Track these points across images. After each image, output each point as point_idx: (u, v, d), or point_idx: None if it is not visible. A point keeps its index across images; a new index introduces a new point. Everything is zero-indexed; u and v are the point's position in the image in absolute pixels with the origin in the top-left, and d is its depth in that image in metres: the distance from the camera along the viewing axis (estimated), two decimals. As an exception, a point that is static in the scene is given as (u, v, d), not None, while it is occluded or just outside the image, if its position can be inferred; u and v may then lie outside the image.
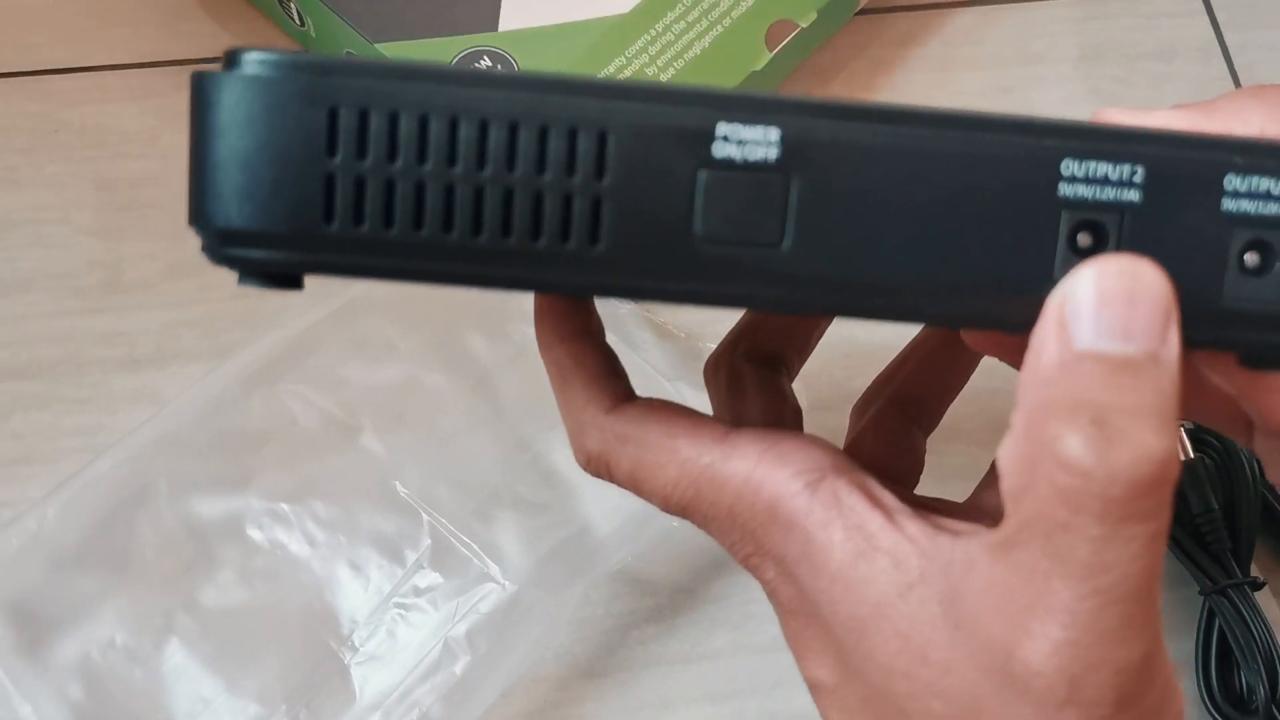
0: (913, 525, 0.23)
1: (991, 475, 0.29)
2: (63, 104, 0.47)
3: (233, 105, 0.20)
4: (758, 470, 0.24)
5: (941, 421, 0.32)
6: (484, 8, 0.44)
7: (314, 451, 0.41)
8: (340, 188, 0.20)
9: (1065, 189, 0.21)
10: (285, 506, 0.40)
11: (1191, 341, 0.22)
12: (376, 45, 0.43)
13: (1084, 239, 0.21)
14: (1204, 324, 0.22)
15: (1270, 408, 0.26)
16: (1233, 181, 0.21)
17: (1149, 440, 0.20)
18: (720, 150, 0.21)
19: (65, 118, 0.47)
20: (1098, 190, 0.21)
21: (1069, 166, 0.21)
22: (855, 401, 0.32)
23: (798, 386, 0.44)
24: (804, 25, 0.45)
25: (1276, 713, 0.39)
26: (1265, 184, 0.21)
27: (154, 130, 0.47)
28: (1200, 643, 0.41)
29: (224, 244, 0.21)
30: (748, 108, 0.21)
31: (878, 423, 0.30)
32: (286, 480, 0.40)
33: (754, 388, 0.29)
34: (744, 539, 0.25)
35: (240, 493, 0.40)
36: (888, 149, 0.21)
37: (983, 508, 0.28)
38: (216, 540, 0.39)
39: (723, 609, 0.42)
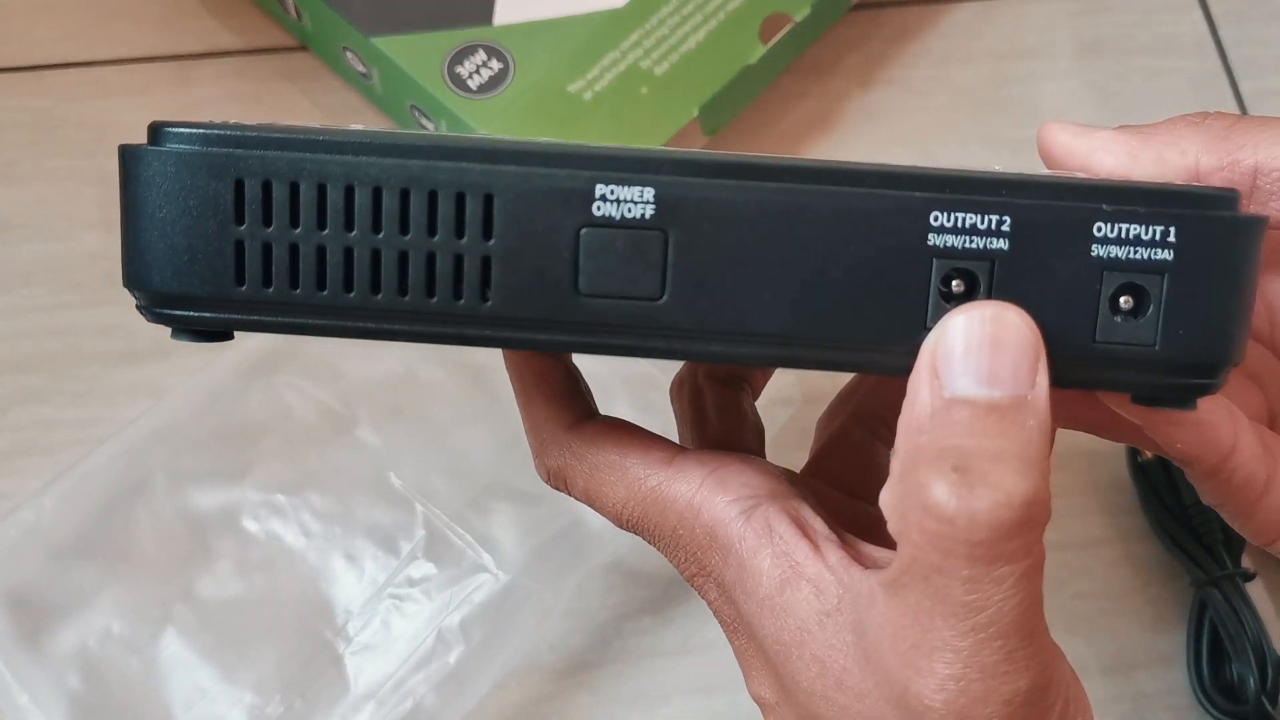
0: (835, 555, 0.24)
1: None
2: (63, 99, 0.47)
3: (151, 177, 0.22)
4: (699, 495, 0.25)
5: None
6: (479, 1, 0.44)
7: (310, 444, 0.41)
8: (249, 253, 0.22)
9: (935, 239, 0.22)
10: (281, 498, 0.40)
11: (1069, 383, 0.23)
12: (371, 39, 0.44)
13: (956, 286, 0.22)
14: (1079, 366, 0.22)
15: (1169, 439, 0.26)
16: (1102, 228, 0.22)
17: (1010, 484, 0.21)
18: (600, 209, 0.22)
19: (65, 112, 0.47)
20: (966, 240, 0.22)
21: (937, 217, 0.22)
22: (820, 414, 0.32)
23: (790, 379, 0.44)
24: (798, 19, 0.46)
25: (1267, 703, 0.39)
26: (1134, 230, 0.22)
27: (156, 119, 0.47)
28: (1192, 634, 0.41)
29: (153, 304, 0.23)
30: (625, 167, 0.21)
31: (841, 437, 0.31)
32: (283, 472, 0.40)
33: (714, 407, 0.30)
34: (688, 560, 0.26)
35: (237, 484, 0.40)
36: (759, 205, 0.22)
37: None
38: (213, 531, 0.40)
39: (716, 600, 0.42)
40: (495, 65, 0.44)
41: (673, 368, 0.42)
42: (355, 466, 0.41)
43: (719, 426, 0.30)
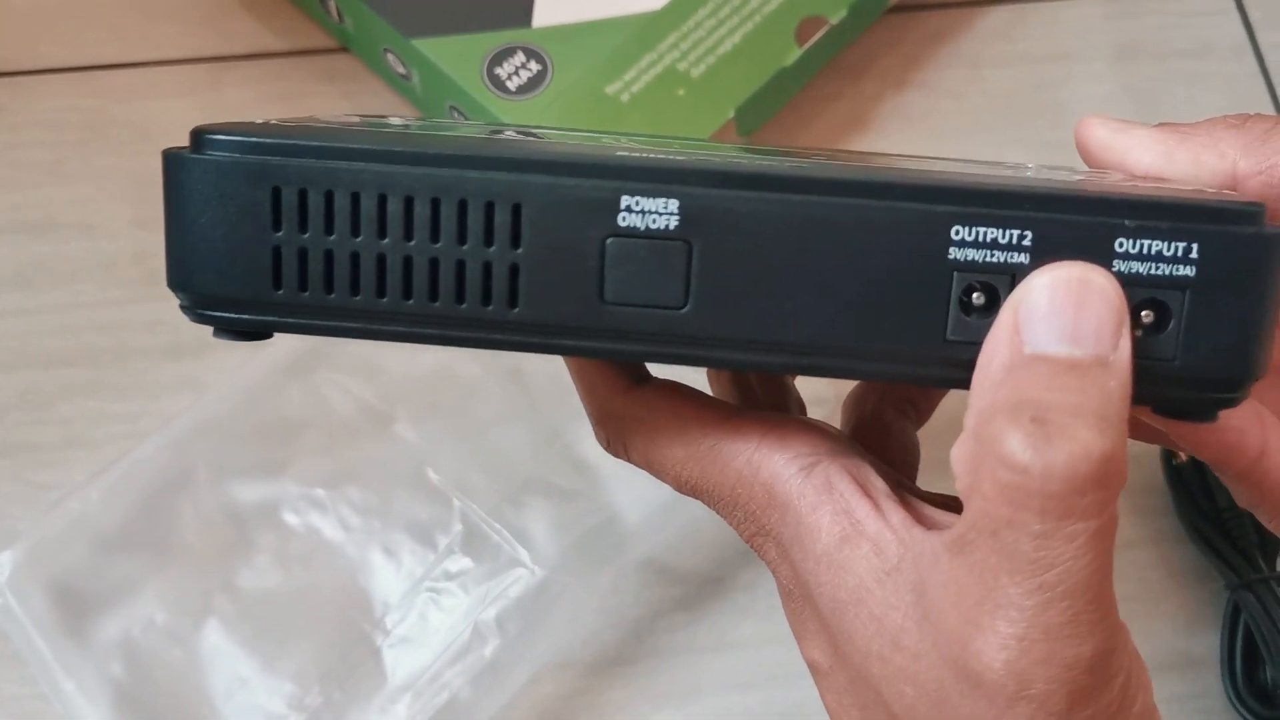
0: (896, 514, 0.24)
1: None
2: (112, 99, 0.48)
3: (192, 184, 0.22)
4: (758, 453, 0.25)
5: (945, 417, 0.32)
6: (518, 3, 0.45)
7: (350, 439, 0.41)
8: (285, 259, 0.22)
9: (955, 252, 0.22)
10: (321, 492, 0.41)
11: None
12: (412, 41, 0.44)
13: (977, 298, 0.22)
14: None
15: (1194, 446, 0.27)
16: (1124, 244, 0.22)
17: (1088, 438, 0.21)
18: (625, 220, 0.22)
19: (114, 112, 0.48)
20: (987, 254, 0.22)
21: (959, 231, 0.22)
22: (845, 397, 0.32)
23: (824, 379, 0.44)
24: (834, 21, 0.46)
25: (1301, 708, 0.39)
26: (1156, 246, 0.22)
27: (197, 123, 0.48)
28: (1225, 637, 0.41)
29: (195, 305, 0.23)
30: (651, 178, 0.22)
31: (874, 419, 0.31)
32: (322, 467, 0.41)
33: (759, 382, 0.30)
34: (746, 519, 0.26)
35: (277, 478, 0.41)
36: (782, 217, 0.22)
37: None
38: (254, 524, 0.40)
39: (750, 599, 0.42)
40: (534, 67, 0.44)
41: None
42: (393, 462, 0.41)
43: (765, 400, 0.30)
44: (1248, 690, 0.40)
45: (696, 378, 0.28)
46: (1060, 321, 0.21)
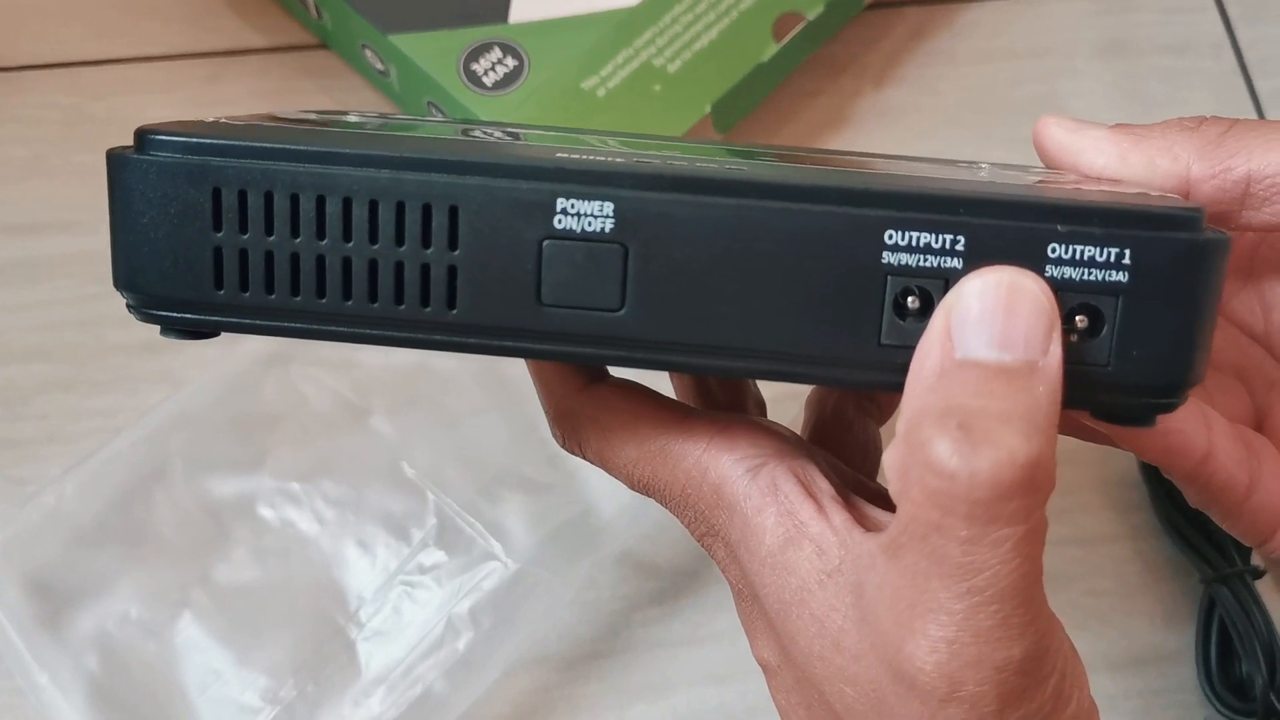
0: (839, 516, 0.24)
1: None
2: (92, 95, 0.48)
3: (134, 184, 0.23)
4: (706, 454, 0.25)
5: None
6: None
7: (325, 432, 0.42)
8: (227, 259, 0.23)
9: (889, 257, 0.22)
10: (296, 486, 0.41)
11: None
12: (389, 37, 0.44)
13: (911, 302, 0.22)
14: None
15: (1137, 448, 0.27)
16: (1056, 249, 0.22)
17: (1014, 445, 0.21)
18: (561, 223, 0.22)
19: (94, 109, 0.48)
20: (920, 259, 0.22)
21: (892, 236, 0.22)
22: (807, 395, 0.33)
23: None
24: (811, 17, 0.46)
25: (1275, 701, 0.39)
26: (1089, 251, 0.22)
27: (178, 120, 0.48)
28: (1201, 631, 0.41)
29: (141, 305, 0.23)
30: (586, 180, 0.22)
31: (834, 416, 0.31)
32: (298, 460, 0.41)
33: (716, 380, 0.30)
34: (697, 519, 0.26)
35: (253, 472, 0.41)
36: (717, 220, 0.22)
37: None
38: (230, 518, 0.40)
39: (724, 592, 0.42)
40: (510, 62, 0.44)
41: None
42: (368, 455, 0.41)
43: (723, 399, 0.30)
44: (1223, 684, 0.40)
45: (658, 377, 0.28)
46: (990, 327, 0.21)
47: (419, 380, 0.42)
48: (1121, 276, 0.22)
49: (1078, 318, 0.22)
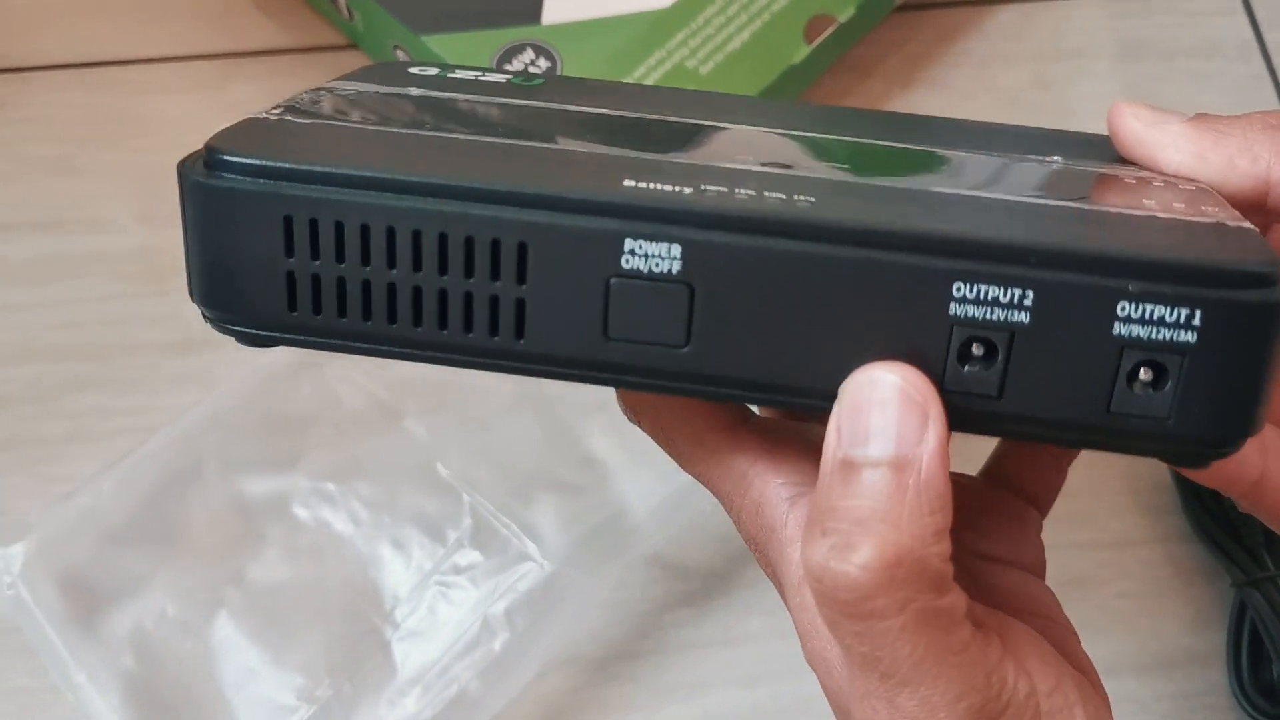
0: None
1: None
2: (119, 95, 0.48)
3: (208, 207, 0.23)
4: (753, 469, 0.26)
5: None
6: (527, 0, 0.45)
7: (359, 433, 0.42)
8: (299, 284, 0.23)
9: (956, 309, 0.22)
10: (330, 486, 0.41)
11: (1081, 445, 0.23)
12: (422, 38, 0.44)
13: (976, 349, 0.22)
14: (1092, 433, 0.22)
15: (1190, 472, 0.26)
16: (1125, 308, 0.21)
17: (868, 550, 0.21)
18: (629, 263, 0.22)
19: (121, 108, 0.48)
20: (987, 312, 0.22)
21: (960, 289, 0.22)
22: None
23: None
24: (842, 20, 0.46)
25: (1307, 704, 0.39)
26: (1159, 311, 0.21)
27: (205, 120, 0.48)
28: (1232, 635, 0.41)
29: (216, 319, 0.24)
30: (654, 218, 0.22)
31: (1018, 444, 0.31)
32: (332, 461, 0.41)
33: None
34: (739, 522, 0.26)
35: (287, 472, 0.41)
36: (784, 262, 0.22)
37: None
38: (264, 518, 0.40)
39: (756, 594, 0.42)
40: (543, 64, 0.44)
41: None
42: (403, 456, 0.41)
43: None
44: (1254, 687, 0.40)
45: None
46: (851, 423, 0.22)
47: (452, 382, 0.42)
48: (1190, 337, 0.21)
49: (1141, 371, 0.22)
